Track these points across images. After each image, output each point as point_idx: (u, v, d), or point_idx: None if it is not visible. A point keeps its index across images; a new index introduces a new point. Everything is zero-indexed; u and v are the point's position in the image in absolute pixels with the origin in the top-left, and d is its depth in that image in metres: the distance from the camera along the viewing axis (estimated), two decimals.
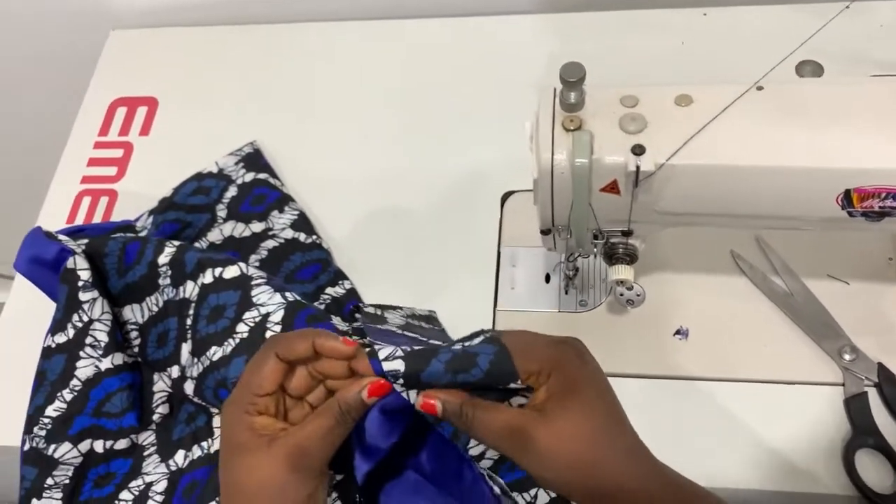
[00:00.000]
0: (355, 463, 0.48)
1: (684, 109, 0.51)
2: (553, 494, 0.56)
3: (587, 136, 0.49)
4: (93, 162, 0.84)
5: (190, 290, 0.63)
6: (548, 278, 0.71)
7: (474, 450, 0.54)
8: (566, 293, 0.70)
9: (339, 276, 0.71)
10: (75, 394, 0.62)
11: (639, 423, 0.62)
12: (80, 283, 0.62)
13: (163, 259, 0.64)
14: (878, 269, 0.67)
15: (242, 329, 0.59)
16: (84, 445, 0.61)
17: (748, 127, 0.50)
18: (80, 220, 0.79)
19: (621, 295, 0.68)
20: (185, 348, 0.63)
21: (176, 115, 0.86)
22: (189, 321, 0.63)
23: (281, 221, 0.74)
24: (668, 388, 0.64)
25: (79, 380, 0.62)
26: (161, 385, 0.65)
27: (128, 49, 0.92)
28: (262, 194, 0.76)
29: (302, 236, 0.73)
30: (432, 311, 0.70)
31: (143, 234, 0.73)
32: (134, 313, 0.66)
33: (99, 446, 0.62)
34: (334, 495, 0.57)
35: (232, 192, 0.76)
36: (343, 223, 0.76)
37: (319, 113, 0.84)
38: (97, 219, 0.79)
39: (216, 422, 0.62)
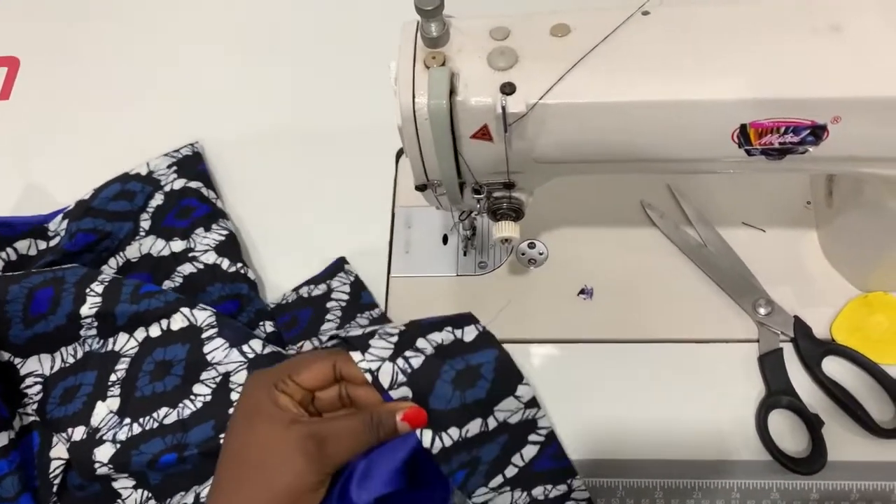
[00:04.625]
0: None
1: (561, 40, 0.45)
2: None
3: (444, 73, 0.43)
4: None
5: (122, 342, 0.57)
6: (445, 240, 0.65)
7: None
8: (465, 255, 0.64)
9: (259, 317, 0.61)
10: None
11: (543, 392, 0.57)
12: None
13: (86, 310, 0.56)
14: (796, 215, 0.62)
15: (203, 391, 0.55)
16: None
17: (631, 58, 0.44)
18: None
19: (522, 254, 0.63)
20: (103, 407, 0.55)
21: (40, 76, 0.78)
22: (115, 377, 0.56)
23: (204, 242, 0.64)
24: (573, 352, 0.59)
25: None
26: (59, 450, 0.57)
27: None
28: (190, 206, 0.66)
29: (225, 263, 0.63)
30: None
31: (55, 240, 0.64)
32: (42, 364, 0.58)
33: None
34: None
35: (158, 199, 0.66)
36: (224, 187, 0.69)
37: (196, 70, 0.77)
38: None
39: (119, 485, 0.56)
